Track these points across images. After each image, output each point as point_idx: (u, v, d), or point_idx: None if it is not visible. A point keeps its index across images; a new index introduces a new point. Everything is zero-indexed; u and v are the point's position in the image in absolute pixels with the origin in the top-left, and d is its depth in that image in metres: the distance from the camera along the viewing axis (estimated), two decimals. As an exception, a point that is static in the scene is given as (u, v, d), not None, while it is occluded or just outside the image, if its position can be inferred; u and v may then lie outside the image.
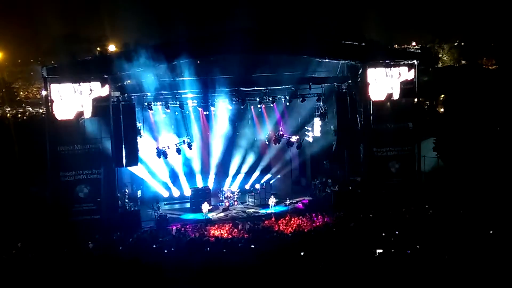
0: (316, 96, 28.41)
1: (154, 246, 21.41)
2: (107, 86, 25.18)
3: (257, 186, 30.50)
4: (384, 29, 39.98)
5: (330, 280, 15.42)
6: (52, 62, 35.54)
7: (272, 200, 29.02)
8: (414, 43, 45.19)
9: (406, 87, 27.49)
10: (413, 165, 28.00)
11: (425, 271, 15.51)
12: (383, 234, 20.22)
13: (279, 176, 31.54)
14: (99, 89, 25.04)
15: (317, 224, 24.95)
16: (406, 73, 27.41)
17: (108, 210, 25.59)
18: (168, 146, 28.06)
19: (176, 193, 30.12)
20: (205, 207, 27.83)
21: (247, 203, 30.26)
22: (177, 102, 27.43)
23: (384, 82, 27.27)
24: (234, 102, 28.06)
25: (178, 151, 28.43)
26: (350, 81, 28.11)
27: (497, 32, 41.34)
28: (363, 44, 27.81)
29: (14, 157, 27.29)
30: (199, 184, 30.13)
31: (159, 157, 28.00)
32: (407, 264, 16.37)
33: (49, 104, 24.76)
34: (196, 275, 16.37)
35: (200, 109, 29.10)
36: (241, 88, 27.84)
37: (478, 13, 41.55)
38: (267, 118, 30.53)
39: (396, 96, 27.47)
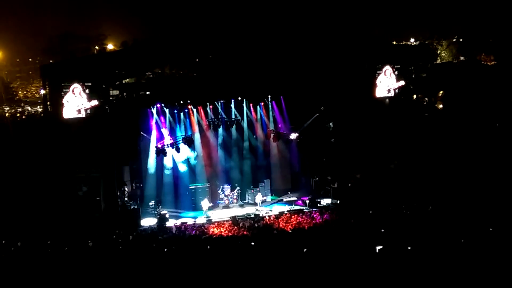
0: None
1: (154, 244, 21.42)
2: (106, 85, 25.16)
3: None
4: (382, 26, 40.00)
5: (330, 277, 15.43)
6: (51, 61, 35.61)
7: (259, 198, 28.99)
8: (412, 39, 45.13)
9: (404, 83, 27.58)
10: (411, 161, 28.02)
11: (425, 268, 15.52)
12: (382, 231, 20.24)
13: (278, 173, 31.51)
14: (98, 88, 25.02)
15: (317, 221, 24.98)
16: (405, 70, 27.49)
17: (107, 209, 25.59)
18: (167, 145, 28.05)
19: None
20: (205, 205, 27.84)
21: (247, 201, 30.26)
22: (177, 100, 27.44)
23: (386, 79, 27.35)
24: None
25: (178, 149, 28.42)
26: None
27: (495, 28, 41.36)
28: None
29: (13, 156, 27.22)
30: (199, 182, 30.09)
31: (158, 156, 28.01)
32: (407, 260, 16.39)
33: (48, 103, 24.76)
34: (197, 273, 16.38)
35: (199, 107, 29.15)
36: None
37: (477, 9, 41.57)
38: (266, 115, 30.55)
39: (394, 92, 27.55)
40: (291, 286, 15.18)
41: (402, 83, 27.72)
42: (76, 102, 24.73)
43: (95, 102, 24.95)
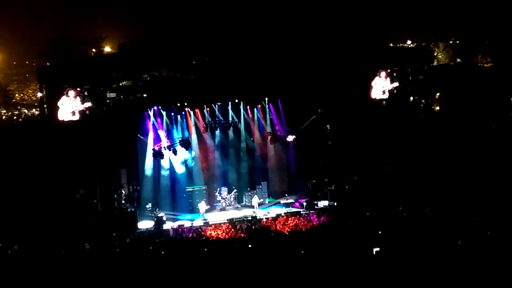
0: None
1: (151, 247, 21.39)
2: (103, 87, 25.15)
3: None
4: (379, 28, 40.03)
5: (328, 279, 15.42)
6: (48, 63, 35.55)
7: (256, 200, 28.97)
8: (409, 42, 45.21)
9: (399, 85, 27.67)
10: (409, 163, 28.04)
11: (423, 270, 15.53)
12: (380, 233, 20.26)
13: (275, 175, 31.49)
14: (95, 90, 25.00)
15: (314, 223, 24.98)
16: (402, 72, 27.57)
17: (104, 211, 25.56)
18: (164, 147, 28.01)
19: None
20: (202, 207, 27.81)
21: (244, 203, 30.23)
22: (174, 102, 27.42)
23: (381, 81, 27.40)
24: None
25: (175, 151, 28.39)
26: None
27: (492, 29, 41.44)
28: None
29: (9, 159, 27.16)
30: (196, 184, 30.05)
31: (156, 158, 27.98)
32: (404, 262, 16.40)
33: (44, 105, 24.74)
34: (194, 276, 16.36)
35: (196, 109, 29.14)
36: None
37: (474, 11, 41.66)
38: (263, 118, 30.55)
39: (389, 94, 27.62)
40: (288, 289, 15.20)
41: (396, 84, 27.81)
42: (70, 105, 24.67)
43: (88, 104, 24.90)
